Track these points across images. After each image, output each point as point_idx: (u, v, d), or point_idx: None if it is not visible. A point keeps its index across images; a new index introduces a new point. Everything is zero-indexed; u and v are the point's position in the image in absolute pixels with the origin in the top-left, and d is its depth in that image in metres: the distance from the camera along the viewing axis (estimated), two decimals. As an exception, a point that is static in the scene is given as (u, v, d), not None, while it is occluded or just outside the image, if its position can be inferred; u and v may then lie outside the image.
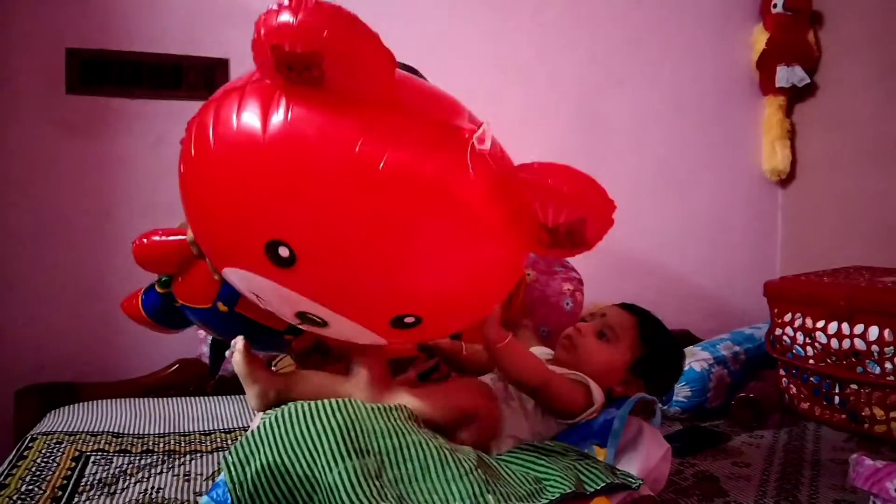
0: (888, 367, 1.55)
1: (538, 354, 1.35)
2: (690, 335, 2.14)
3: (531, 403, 1.14)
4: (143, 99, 1.87)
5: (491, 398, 1.11)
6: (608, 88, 2.27)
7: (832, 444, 1.58)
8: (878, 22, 2.10)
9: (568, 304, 1.80)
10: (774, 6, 2.29)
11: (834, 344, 1.65)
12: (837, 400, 1.67)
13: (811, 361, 1.71)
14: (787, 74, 2.29)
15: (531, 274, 1.76)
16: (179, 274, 1.14)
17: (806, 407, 1.74)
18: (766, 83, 2.36)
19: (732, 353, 1.86)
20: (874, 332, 1.57)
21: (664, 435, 1.21)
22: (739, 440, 1.59)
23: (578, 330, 1.27)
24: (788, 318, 1.76)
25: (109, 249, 1.83)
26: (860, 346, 1.59)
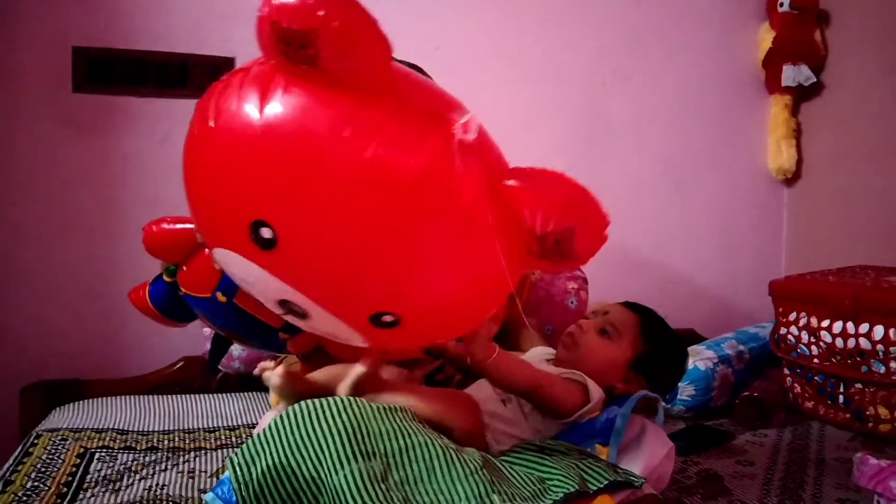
0: (893, 366, 1.55)
1: (539, 355, 1.36)
2: (695, 334, 2.14)
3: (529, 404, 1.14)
4: (148, 97, 1.87)
5: (473, 416, 1.10)
6: (614, 86, 2.26)
7: (836, 443, 1.57)
8: (885, 21, 2.09)
9: (572, 302, 1.80)
10: (781, 5, 2.28)
11: (839, 343, 1.64)
12: (842, 399, 1.66)
13: (816, 360, 1.70)
14: (793, 73, 2.28)
15: (536, 273, 1.76)
16: (185, 263, 1.16)
17: (810, 406, 1.74)
18: (771, 82, 2.35)
19: (737, 351, 1.85)
20: (879, 331, 1.56)
21: (668, 433, 1.21)
22: (743, 439, 1.58)
23: (580, 327, 1.27)
24: (793, 317, 1.76)
25: (114, 247, 1.84)
26: (865, 345, 1.59)
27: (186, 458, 1.36)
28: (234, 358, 1.76)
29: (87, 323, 1.85)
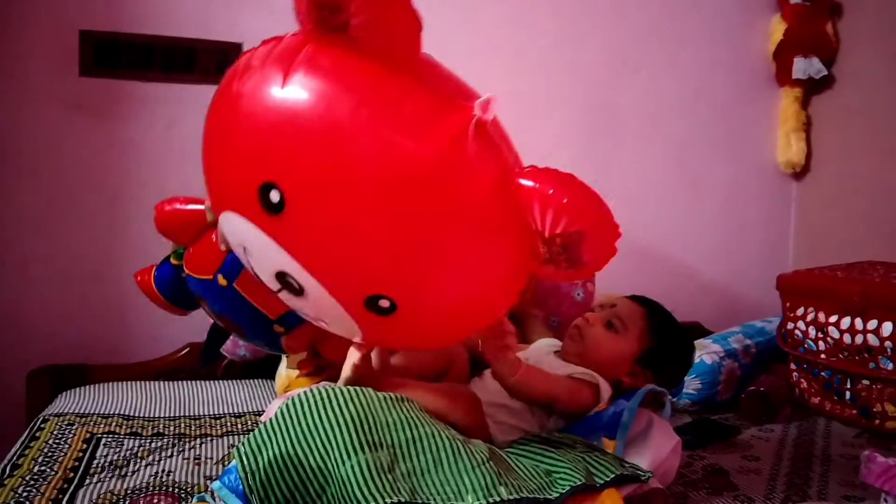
0: (901, 363, 1.54)
1: (545, 346, 1.36)
2: (702, 328, 2.13)
3: None
4: (155, 82, 1.86)
5: (473, 411, 1.09)
6: (623, 77, 2.25)
7: (842, 439, 1.57)
8: (898, 14, 2.07)
9: (579, 294, 1.80)
10: (793, -4, 2.26)
11: (846, 339, 1.63)
12: (849, 395, 1.66)
13: (823, 356, 1.70)
14: (804, 66, 2.26)
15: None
16: (192, 245, 1.18)
17: (817, 402, 1.73)
18: (782, 74, 2.33)
19: (743, 346, 1.85)
20: (888, 327, 1.55)
21: (673, 427, 1.21)
22: (749, 434, 1.58)
23: (587, 320, 1.27)
24: (801, 312, 1.75)
25: (120, 232, 1.84)
26: (873, 341, 1.58)
27: (192, 444, 1.36)
28: (239, 345, 1.76)
29: (93, 308, 1.85)
